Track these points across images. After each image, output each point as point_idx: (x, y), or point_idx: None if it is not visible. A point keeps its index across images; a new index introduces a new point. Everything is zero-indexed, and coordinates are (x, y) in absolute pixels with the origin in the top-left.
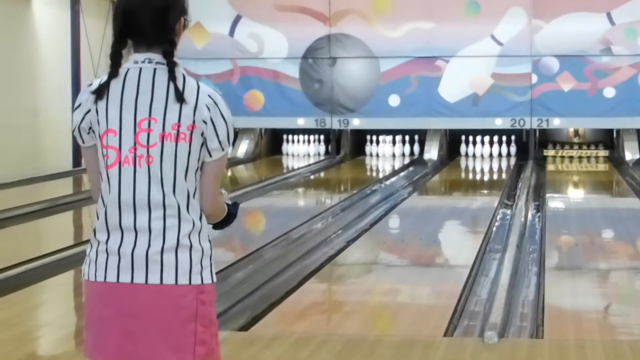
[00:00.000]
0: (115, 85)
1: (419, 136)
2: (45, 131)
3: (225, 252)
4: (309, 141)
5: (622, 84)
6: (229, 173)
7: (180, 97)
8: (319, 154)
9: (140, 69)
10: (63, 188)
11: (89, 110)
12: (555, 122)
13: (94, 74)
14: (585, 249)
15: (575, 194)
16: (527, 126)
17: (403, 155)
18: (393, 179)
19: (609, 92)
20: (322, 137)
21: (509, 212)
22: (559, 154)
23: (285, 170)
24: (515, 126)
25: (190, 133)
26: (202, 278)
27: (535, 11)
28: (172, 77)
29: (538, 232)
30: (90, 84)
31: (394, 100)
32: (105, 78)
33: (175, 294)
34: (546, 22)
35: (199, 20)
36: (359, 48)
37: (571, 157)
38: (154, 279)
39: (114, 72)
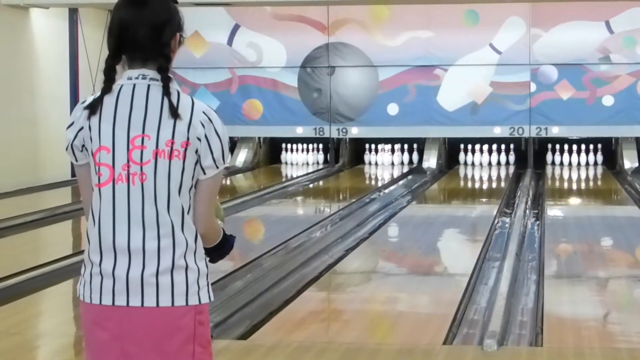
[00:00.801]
0: (108, 102)
1: (418, 145)
2: (44, 141)
3: (223, 261)
4: (307, 150)
5: (621, 93)
6: (228, 182)
7: (174, 113)
8: (317, 163)
9: (134, 85)
10: (61, 198)
11: (81, 128)
12: (554, 131)
13: (93, 83)
14: (584, 257)
15: (574, 203)
16: (526, 135)
17: (402, 163)
18: (392, 188)
19: (608, 101)
20: (320, 145)
21: (508, 220)
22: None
23: (284, 179)
24: (514, 135)
25: (184, 150)
26: (199, 298)
27: (534, 20)
28: (166, 92)
29: (537, 240)
30: (84, 102)
31: (393, 109)
32: (98, 94)
33: (172, 315)
34: (545, 31)
35: (197, 30)
36: (358, 57)
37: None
38: (150, 301)
39: (107, 88)
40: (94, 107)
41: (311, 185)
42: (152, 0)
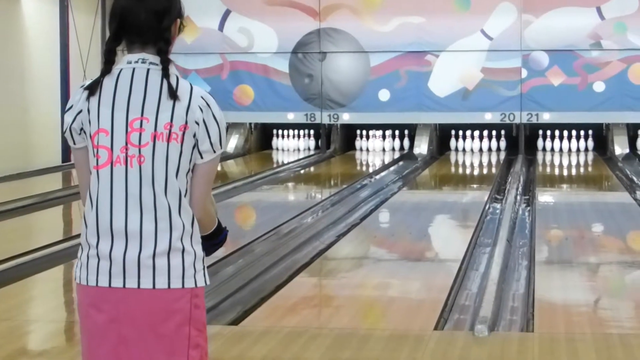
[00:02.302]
0: (107, 85)
1: (409, 131)
2: (35, 127)
3: None
4: (299, 136)
5: (612, 79)
6: (219, 168)
7: (173, 95)
8: (309, 149)
9: (134, 69)
10: (53, 183)
11: (80, 111)
12: (545, 117)
13: (83, 68)
14: (575, 243)
15: (565, 189)
16: (517, 121)
17: (393, 149)
18: (383, 174)
19: (599, 87)
20: (312, 131)
21: (499, 206)
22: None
23: (275, 165)
24: (505, 121)
25: (182, 133)
26: (195, 281)
27: (525, 6)
28: (165, 74)
29: (528, 226)
30: (83, 85)
31: (384, 95)
32: (97, 77)
33: (168, 298)
34: (536, 17)
35: (188, 15)
36: (349, 43)
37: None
38: (146, 283)
39: (107, 70)
40: (93, 89)
41: (302, 171)
42: None
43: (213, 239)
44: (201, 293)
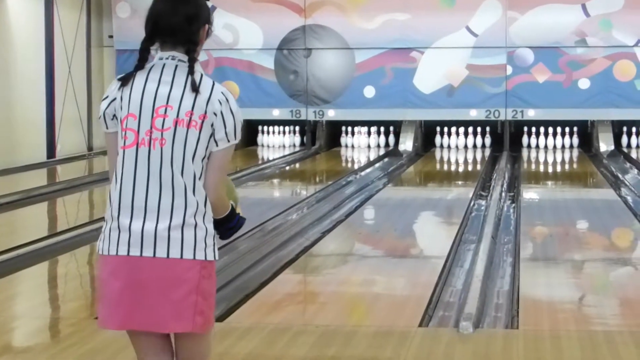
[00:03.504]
0: (139, 77)
1: (394, 127)
2: (20, 123)
3: None
4: (284, 132)
5: (597, 76)
6: None
7: (195, 89)
8: (294, 145)
9: (164, 64)
10: (37, 179)
11: (114, 99)
12: (530, 114)
13: (69, 65)
14: (559, 240)
15: (550, 185)
16: (502, 117)
17: (378, 146)
18: (368, 170)
19: (584, 84)
20: (297, 128)
21: (483, 203)
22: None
23: (260, 162)
24: (490, 117)
25: (201, 122)
26: (205, 254)
27: (510, 3)
28: (190, 71)
29: (513, 223)
30: (119, 77)
31: (369, 91)
32: (132, 71)
33: (180, 267)
34: (521, 14)
35: None
36: (334, 39)
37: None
38: (161, 252)
39: (140, 66)
40: (126, 80)
41: (287, 168)
42: None
43: (226, 224)
44: (210, 266)
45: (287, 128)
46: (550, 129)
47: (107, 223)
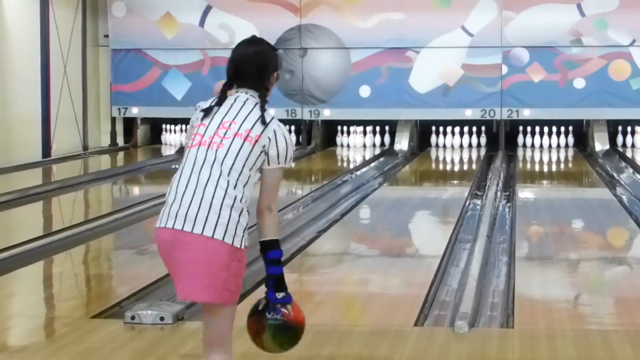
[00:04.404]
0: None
1: (390, 127)
2: (15, 122)
3: None
4: None
5: (592, 75)
6: None
7: (263, 122)
8: None
9: (238, 96)
10: (33, 179)
11: (198, 112)
12: (525, 113)
13: (64, 64)
14: (555, 239)
15: (545, 185)
16: (497, 117)
17: (374, 145)
18: (364, 170)
19: (579, 83)
20: (293, 127)
21: (479, 202)
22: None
23: None
24: (485, 117)
25: (255, 140)
26: (233, 241)
27: (506, 2)
28: (262, 108)
29: (508, 222)
30: (200, 107)
31: (365, 91)
32: (212, 104)
33: (216, 247)
34: (516, 14)
35: (169, 11)
36: (330, 39)
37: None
38: (197, 230)
39: (219, 102)
40: (208, 111)
41: None
42: (258, 46)
43: (274, 251)
44: (239, 252)
45: None
46: (546, 129)
47: (165, 206)
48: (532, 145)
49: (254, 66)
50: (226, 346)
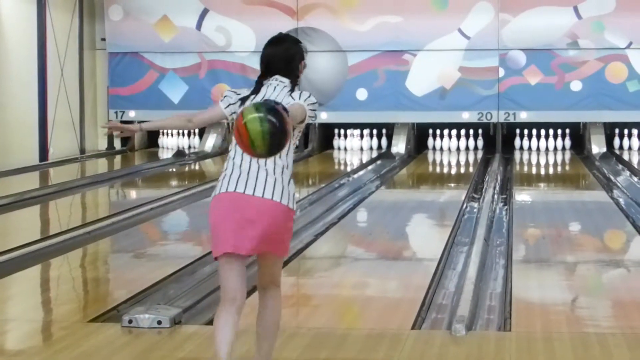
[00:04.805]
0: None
1: (387, 130)
2: (12, 125)
3: (192, 246)
4: None
5: (589, 78)
6: (197, 167)
7: (290, 92)
8: None
9: (270, 83)
10: (30, 182)
11: (234, 104)
12: (522, 116)
13: (61, 67)
14: (552, 242)
15: (543, 187)
16: (494, 120)
17: (371, 148)
18: (361, 173)
19: (576, 86)
20: None
21: (476, 205)
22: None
23: None
24: (482, 120)
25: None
26: (290, 204)
27: (502, 5)
28: (292, 89)
29: (505, 225)
30: (236, 90)
31: (362, 94)
32: (247, 93)
33: (277, 208)
34: (513, 16)
35: (165, 14)
36: (327, 42)
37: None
38: (258, 193)
39: (254, 91)
40: (245, 99)
41: None
42: (286, 42)
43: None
44: (291, 212)
45: None
46: (543, 131)
47: (223, 175)
48: (529, 148)
49: (282, 62)
50: (278, 284)
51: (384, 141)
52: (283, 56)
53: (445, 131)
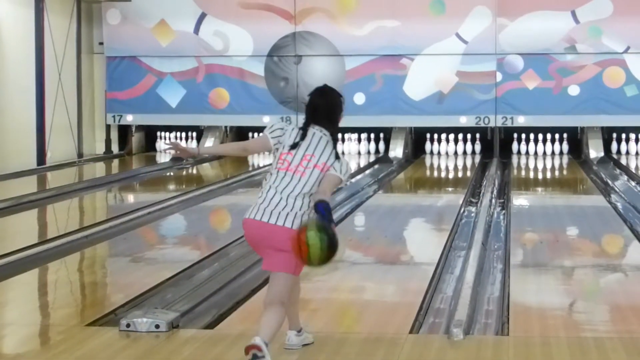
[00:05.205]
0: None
1: (384, 134)
2: (10, 129)
3: (190, 250)
4: None
5: (587, 82)
6: (194, 171)
7: (336, 156)
8: None
9: (314, 133)
10: (27, 186)
11: (283, 135)
12: (520, 120)
13: (59, 72)
14: (550, 247)
15: (540, 192)
16: (492, 124)
17: (368, 153)
18: (358, 177)
19: (574, 90)
20: None
21: (474, 209)
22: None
23: (250, 168)
24: (479, 124)
25: (327, 169)
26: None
27: (500, 9)
28: (334, 144)
29: (503, 229)
30: (283, 126)
31: (360, 98)
32: (297, 139)
33: (290, 234)
34: (511, 21)
35: (163, 18)
36: (325, 46)
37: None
38: (285, 224)
39: (302, 136)
40: (295, 145)
41: None
42: (330, 95)
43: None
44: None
45: None
46: (540, 136)
47: (256, 202)
48: (527, 153)
49: (326, 113)
50: (283, 302)
51: (381, 145)
52: (327, 110)
53: (443, 135)
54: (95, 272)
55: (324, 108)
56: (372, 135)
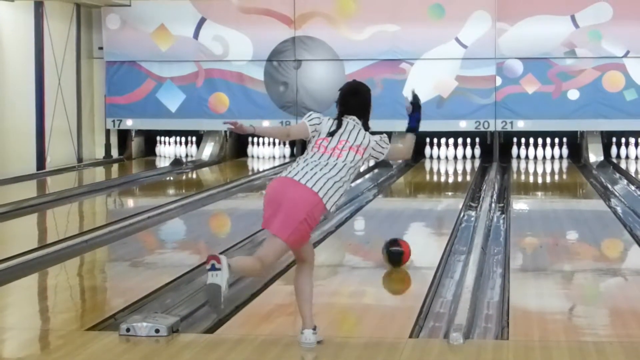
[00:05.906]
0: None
1: None
2: (10, 134)
3: (190, 254)
4: (274, 143)
5: (586, 87)
6: (194, 176)
7: (366, 139)
8: (284, 157)
9: (348, 122)
10: (27, 191)
11: (320, 123)
12: (520, 125)
13: (58, 76)
14: (549, 251)
15: (540, 196)
16: (492, 128)
17: None
18: (358, 181)
19: (573, 95)
20: None
21: (473, 214)
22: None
23: (250, 173)
24: (479, 128)
25: (363, 151)
26: (325, 199)
27: (500, 14)
28: (366, 129)
29: (503, 233)
30: (320, 115)
31: None
32: (333, 128)
33: (309, 192)
34: (510, 25)
35: (163, 23)
36: (324, 51)
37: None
38: (309, 184)
39: (338, 125)
40: (333, 133)
41: None
42: (361, 92)
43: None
44: (324, 208)
45: (277, 139)
46: (540, 140)
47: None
48: (527, 157)
49: (357, 106)
50: (262, 261)
51: None
52: (358, 103)
53: (443, 140)
54: (95, 276)
55: (354, 105)
56: None
